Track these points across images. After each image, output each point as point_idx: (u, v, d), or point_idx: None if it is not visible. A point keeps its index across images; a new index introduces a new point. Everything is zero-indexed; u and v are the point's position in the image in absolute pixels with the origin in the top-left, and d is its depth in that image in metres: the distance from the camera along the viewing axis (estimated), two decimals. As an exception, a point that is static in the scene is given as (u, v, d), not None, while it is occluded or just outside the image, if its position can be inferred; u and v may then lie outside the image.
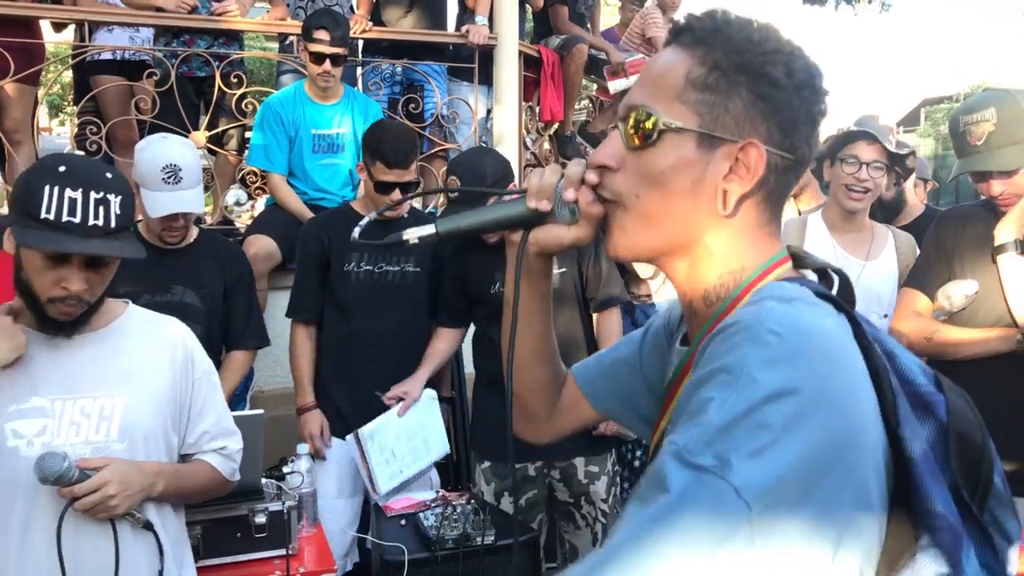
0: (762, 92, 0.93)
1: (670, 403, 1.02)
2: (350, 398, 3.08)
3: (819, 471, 0.74)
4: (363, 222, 1.19)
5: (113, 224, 1.67)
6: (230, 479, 2.03)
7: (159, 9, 4.20)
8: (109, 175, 1.71)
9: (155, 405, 1.85)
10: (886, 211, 3.50)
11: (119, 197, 1.69)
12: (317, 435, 3.02)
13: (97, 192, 1.66)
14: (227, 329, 3.01)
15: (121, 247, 1.70)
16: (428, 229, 1.08)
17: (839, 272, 1.01)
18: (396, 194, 2.95)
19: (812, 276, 1.02)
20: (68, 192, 1.63)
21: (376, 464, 2.90)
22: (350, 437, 2.96)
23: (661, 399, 1.09)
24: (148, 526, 1.80)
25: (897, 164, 2.84)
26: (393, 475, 2.94)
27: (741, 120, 0.93)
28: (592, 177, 1.01)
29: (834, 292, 0.99)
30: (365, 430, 2.91)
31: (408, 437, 3.01)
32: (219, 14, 4.24)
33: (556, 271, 2.87)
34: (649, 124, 0.95)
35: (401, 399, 3.01)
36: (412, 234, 1.07)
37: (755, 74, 0.93)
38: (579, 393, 1.29)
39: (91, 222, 1.65)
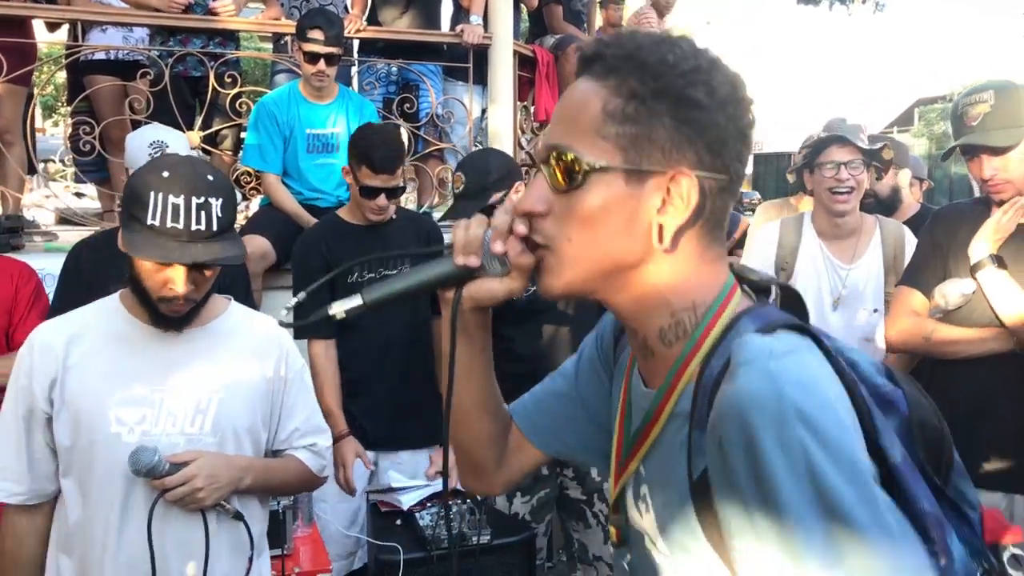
0: (685, 116, 0.89)
1: (640, 447, 1.00)
2: (352, 399, 3.06)
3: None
4: (289, 305, 1.12)
5: (215, 227, 1.72)
6: (319, 475, 2.08)
7: (156, 9, 4.19)
8: (211, 177, 1.76)
9: (248, 402, 1.91)
10: (882, 208, 3.52)
11: (220, 200, 1.74)
12: (350, 464, 2.94)
13: (199, 197, 1.71)
14: None
15: (222, 249, 1.74)
16: (355, 301, 1.04)
17: (783, 286, 1.00)
18: (382, 200, 2.93)
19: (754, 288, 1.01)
20: (171, 199, 1.69)
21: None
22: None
23: (612, 433, 1.09)
24: (238, 516, 1.85)
25: (873, 159, 2.87)
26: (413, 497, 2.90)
27: (667, 148, 0.90)
28: (520, 228, 0.97)
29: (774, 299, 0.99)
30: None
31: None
32: (215, 13, 4.22)
33: None
34: (572, 165, 0.91)
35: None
36: (338, 308, 1.04)
37: (676, 97, 0.89)
38: (522, 437, 1.24)
39: (193, 227, 1.70)
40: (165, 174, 1.71)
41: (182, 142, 2.86)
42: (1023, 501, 2.31)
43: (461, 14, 5.05)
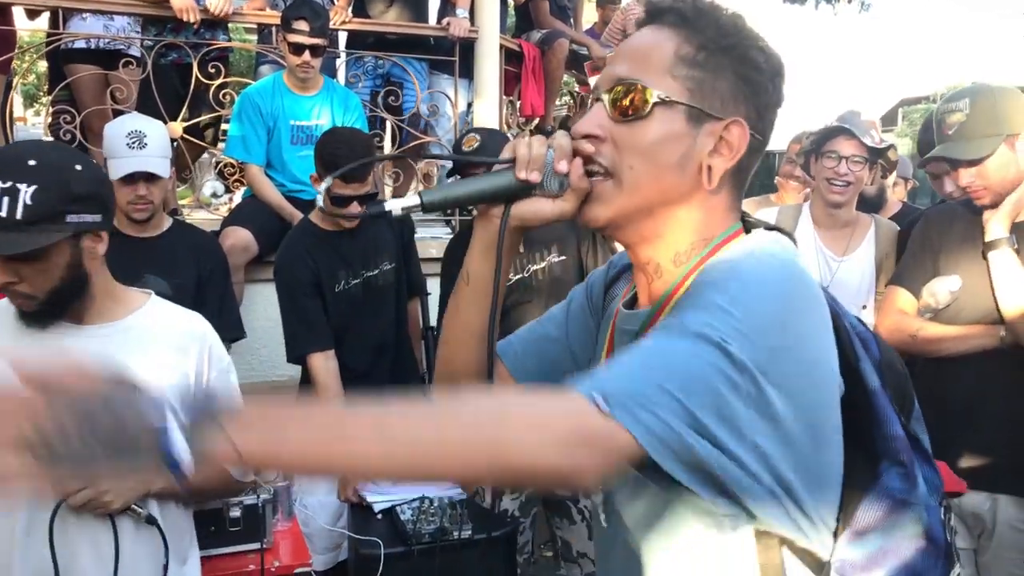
0: (746, 75, 0.99)
1: None
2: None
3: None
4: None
5: (18, 215, 1.53)
6: (242, 479, 1.98)
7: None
8: (33, 162, 1.57)
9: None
10: (867, 206, 3.52)
11: (33, 187, 1.54)
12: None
13: (4, 181, 1.52)
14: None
15: (25, 241, 1.54)
16: (412, 200, 1.04)
17: (782, 231, 1.04)
18: (354, 207, 2.83)
19: None
20: None
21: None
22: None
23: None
24: (151, 520, 1.75)
25: (878, 158, 2.87)
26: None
27: (726, 99, 0.98)
28: (588, 147, 1.01)
29: None
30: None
31: None
32: (217, 12, 4.17)
33: (557, 259, 2.86)
34: (641, 97, 0.97)
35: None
36: (395, 205, 1.04)
37: (740, 57, 0.98)
38: (506, 371, 1.24)
39: None
40: None
41: (161, 132, 2.83)
42: (1007, 501, 2.32)
43: (448, 7, 5.02)
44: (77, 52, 4.44)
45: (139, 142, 2.70)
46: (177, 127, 4.20)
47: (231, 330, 3.03)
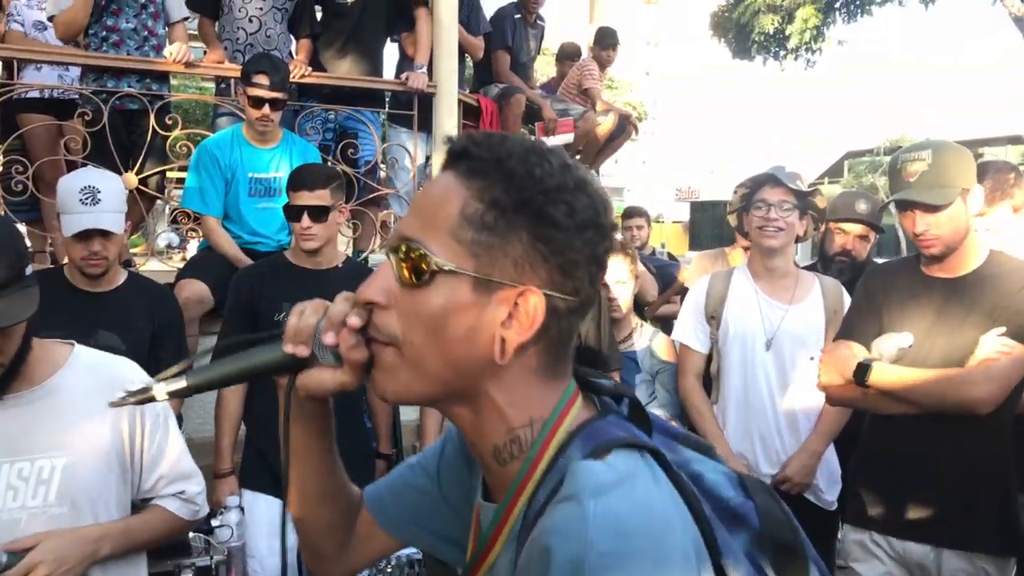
0: (542, 234, 0.87)
1: (484, 561, 0.96)
2: (278, 452, 3.00)
3: None
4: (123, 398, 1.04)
5: None
6: (191, 519, 1.97)
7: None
8: None
9: (100, 461, 1.77)
10: (856, 271, 3.50)
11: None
12: (222, 502, 2.91)
13: None
14: (154, 375, 2.92)
15: (6, 308, 1.55)
16: (179, 383, 0.98)
17: (627, 393, 0.99)
18: (304, 220, 2.92)
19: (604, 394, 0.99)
20: None
21: None
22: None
23: (470, 561, 1.03)
24: None
25: (806, 204, 2.98)
26: None
27: (520, 263, 0.87)
28: (354, 320, 0.92)
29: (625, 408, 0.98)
30: None
31: None
32: (178, 59, 4.17)
33: None
34: (421, 262, 0.88)
35: None
36: (160, 390, 0.98)
37: (535, 214, 0.87)
38: (375, 527, 1.18)
39: None
40: None
41: (116, 186, 2.81)
42: (950, 553, 2.35)
43: (406, 62, 5.09)
44: (31, 102, 4.42)
45: (92, 197, 2.68)
46: (132, 178, 4.17)
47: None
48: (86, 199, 2.67)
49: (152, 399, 0.99)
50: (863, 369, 2.37)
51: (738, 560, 0.87)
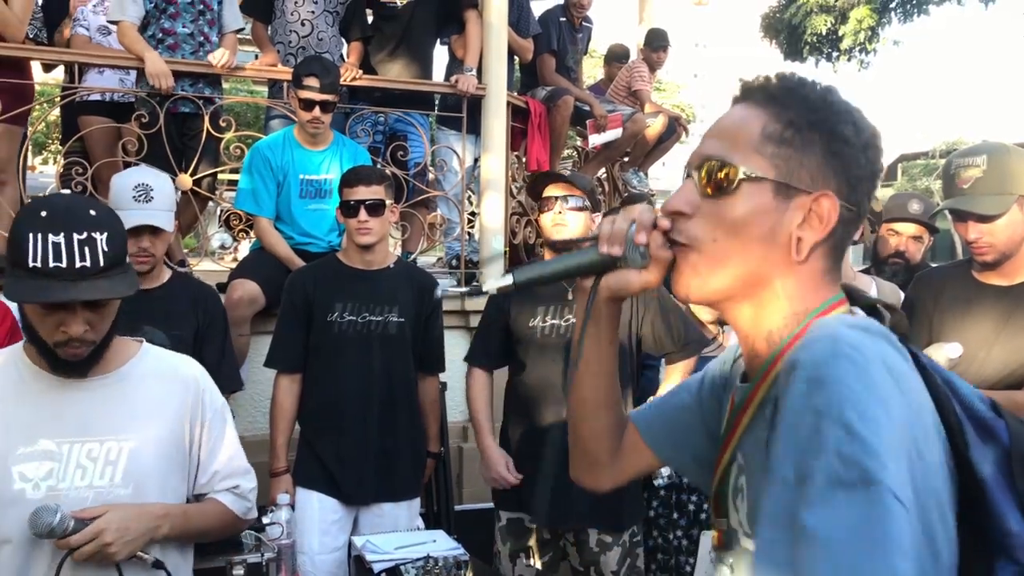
0: (834, 149, 1.00)
1: (733, 436, 1.06)
2: (336, 451, 3.04)
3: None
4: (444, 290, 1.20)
5: (102, 262, 1.65)
6: (244, 517, 2.02)
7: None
8: (93, 212, 1.69)
9: (162, 448, 1.84)
10: (910, 272, 3.44)
11: (105, 234, 1.66)
12: (274, 499, 2.94)
13: (80, 233, 1.63)
14: None
15: (111, 286, 1.67)
16: (507, 280, 1.11)
17: (890, 307, 1.03)
18: (362, 214, 2.97)
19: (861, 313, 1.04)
20: (51, 237, 1.61)
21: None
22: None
23: (720, 440, 1.12)
24: (158, 565, 1.78)
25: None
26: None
27: (815, 174, 1.00)
28: (664, 222, 1.04)
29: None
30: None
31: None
32: (223, 66, 4.23)
33: None
34: (728, 174, 1.00)
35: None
36: (491, 285, 1.10)
37: (828, 132, 1.00)
38: (639, 439, 1.29)
39: (78, 264, 1.62)
40: (43, 214, 1.64)
41: (167, 185, 2.87)
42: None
43: (455, 64, 5.11)
44: (91, 104, 4.53)
45: (145, 195, 2.73)
46: (186, 179, 4.25)
47: (229, 382, 3.04)
48: (139, 196, 2.73)
49: (484, 293, 1.12)
50: None
51: (985, 457, 0.90)
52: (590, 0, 5.88)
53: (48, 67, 4.95)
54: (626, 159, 6.41)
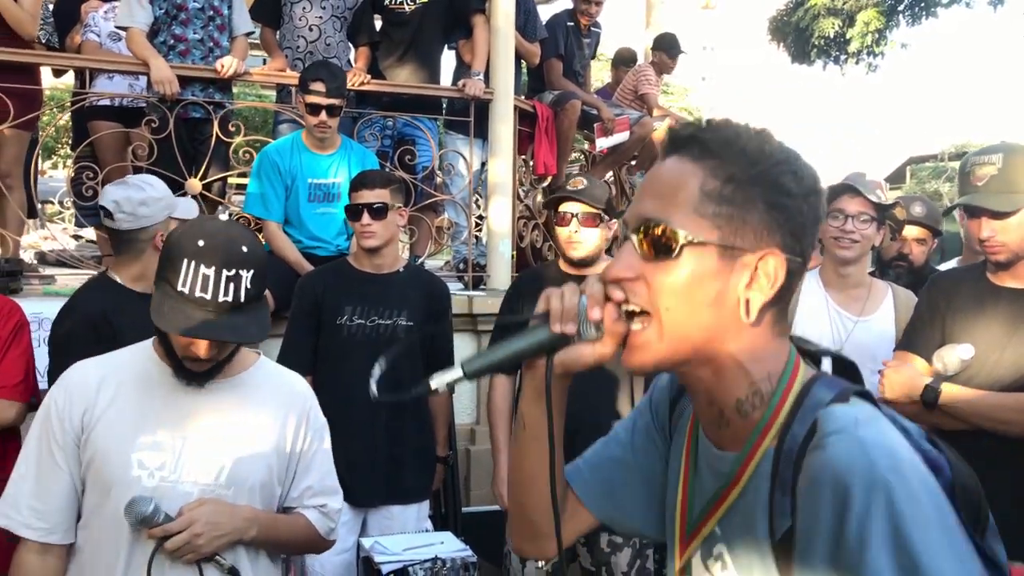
0: (776, 202, 0.97)
1: (718, 508, 1.05)
2: (344, 454, 3.04)
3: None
4: (374, 375, 1.18)
5: (243, 299, 1.74)
6: (327, 537, 2.07)
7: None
8: (245, 248, 1.77)
9: (266, 457, 1.92)
10: (913, 275, 3.45)
11: (251, 272, 1.75)
12: None
13: (230, 270, 1.72)
14: None
15: (246, 322, 1.76)
16: (456, 373, 1.08)
17: (836, 355, 1.07)
18: (365, 218, 3.00)
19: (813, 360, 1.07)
20: (203, 269, 1.71)
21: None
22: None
23: (674, 499, 1.13)
24: (233, 571, 1.83)
25: (885, 215, 2.87)
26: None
27: (758, 230, 0.97)
28: (618, 294, 1.01)
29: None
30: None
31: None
32: (228, 72, 4.25)
33: None
34: (668, 238, 0.97)
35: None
36: (440, 381, 1.08)
37: (771, 184, 0.97)
38: (577, 501, 1.26)
39: (221, 299, 1.72)
40: (201, 243, 1.73)
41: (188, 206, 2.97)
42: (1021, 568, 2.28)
43: (463, 68, 5.13)
44: (101, 109, 4.56)
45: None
46: (196, 184, 4.27)
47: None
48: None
49: (434, 391, 1.09)
50: (931, 392, 2.31)
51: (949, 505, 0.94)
52: (598, 9, 5.88)
53: (58, 72, 4.99)
54: (633, 162, 6.41)
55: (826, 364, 1.10)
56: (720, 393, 1.02)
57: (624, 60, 6.95)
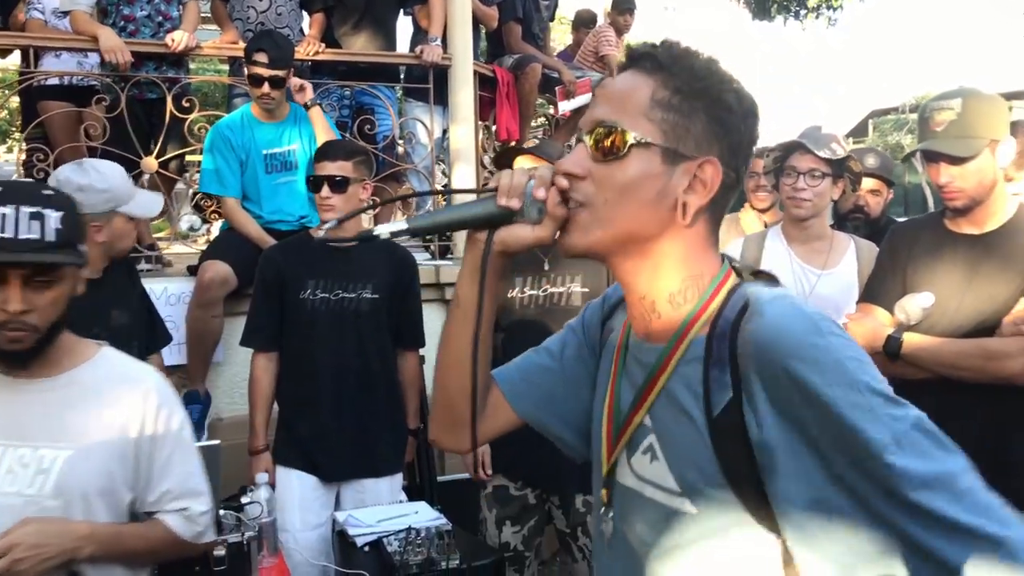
0: (718, 116, 1.05)
1: (646, 398, 1.09)
2: (313, 430, 3.03)
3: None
4: (324, 228, 1.22)
5: (51, 238, 1.60)
6: (192, 541, 1.89)
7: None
8: (48, 192, 1.66)
9: (103, 461, 1.73)
10: (870, 226, 3.51)
11: (59, 213, 1.62)
12: (254, 478, 2.91)
13: (31, 206, 1.60)
14: (148, 340, 3.10)
15: (54, 259, 1.62)
16: (400, 225, 1.10)
17: (763, 271, 1.12)
18: (324, 190, 2.96)
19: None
20: (2, 209, 1.58)
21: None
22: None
23: (601, 406, 1.19)
24: None
25: (841, 170, 2.87)
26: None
27: (700, 139, 1.05)
28: (563, 181, 1.08)
29: None
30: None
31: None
32: (178, 47, 4.15)
33: (579, 289, 2.85)
34: (618, 139, 1.04)
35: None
36: (383, 229, 1.10)
37: (713, 99, 1.05)
38: (502, 398, 1.31)
39: (23, 236, 1.58)
40: (0, 188, 1.62)
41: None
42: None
43: (420, 35, 5.05)
44: (50, 89, 4.43)
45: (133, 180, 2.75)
46: (152, 162, 4.19)
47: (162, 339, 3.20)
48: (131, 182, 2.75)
49: (375, 237, 1.11)
50: (894, 343, 2.33)
51: None
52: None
53: (4, 52, 4.83)
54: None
55: None
56: (652, 286, 1.08)
57: (584, 22, 6.90)
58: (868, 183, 3.38)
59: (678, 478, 1.04)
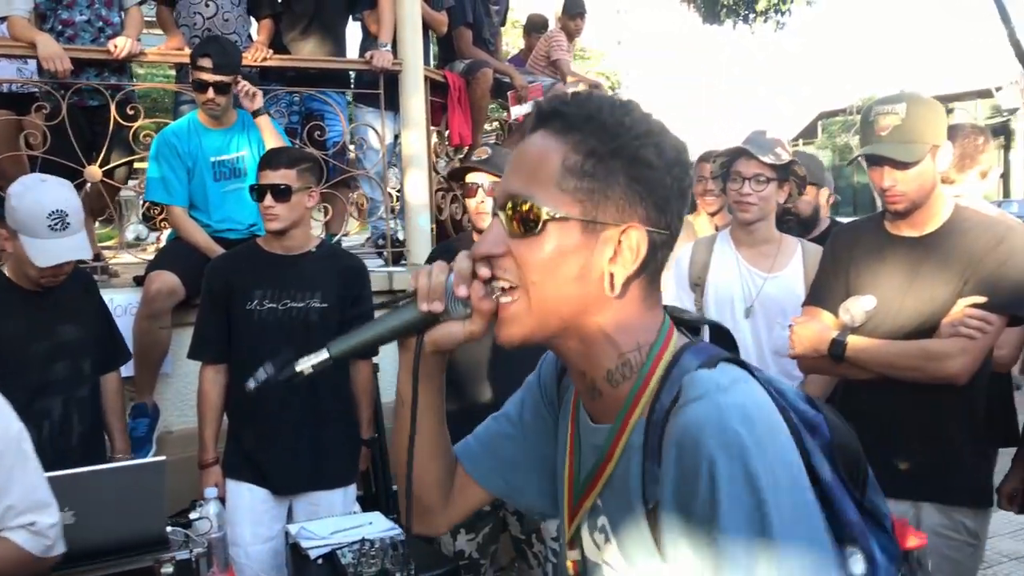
0: (637, 175, 0.97)
1: (596, 483, 1.06)
2: (262, 442, 2.99)
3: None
4: (258, 376, 1.13)
5: None
6: (43, 556, 1.83)
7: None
8: None
9: None
10: (803, 227, 3.60)
11: None
12: (205, 491, 2.88)
13: None
14: (104, 357, 3.06)
15: None
16: (321, 356, 1.07)
17: (713, 323, 1.10)
18: (267, 200, 2.90)
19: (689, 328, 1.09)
20: None
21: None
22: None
23: (561, 473, 1.14)
24: None
25: (785, 174, 2.92)
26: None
27: (621, 204, 0.98)
28: (484, 271, 1.01)
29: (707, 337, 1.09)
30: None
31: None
32: (121, 53, 4.07)
33: None
34: (532, 214, 0.97)
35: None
36: (305, 363, 1.07)
37: (631, 158, 0.97)
38: (467, 476, 1.28)
39: None
40: None
41: (75, 201, 2.75)
42: (929, 508, 2.37)
43: (369, 40, 5.02)
44: (-11, 97, 4.32)
45: (61, 222, 2.62)
46: (95, 171, 4.10)
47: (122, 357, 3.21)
48: (55, 224, 2.61)
49: (299, 374, 1.08)
50: (838, 346, 2.36)
51: (822, 462, 0.98)
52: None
53: (-60, 60, 4.70)
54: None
55: (706, 333, 1.12)
56: (590, 365, 1.03)
57: (536, 26, 6.92)
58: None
59: (628, 562, 1.02)
